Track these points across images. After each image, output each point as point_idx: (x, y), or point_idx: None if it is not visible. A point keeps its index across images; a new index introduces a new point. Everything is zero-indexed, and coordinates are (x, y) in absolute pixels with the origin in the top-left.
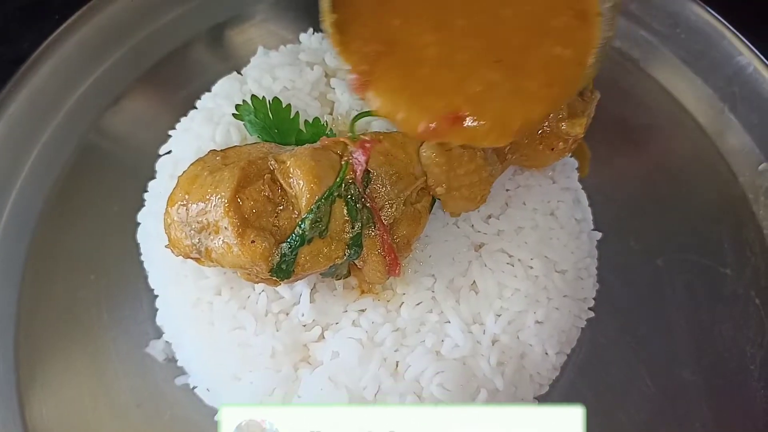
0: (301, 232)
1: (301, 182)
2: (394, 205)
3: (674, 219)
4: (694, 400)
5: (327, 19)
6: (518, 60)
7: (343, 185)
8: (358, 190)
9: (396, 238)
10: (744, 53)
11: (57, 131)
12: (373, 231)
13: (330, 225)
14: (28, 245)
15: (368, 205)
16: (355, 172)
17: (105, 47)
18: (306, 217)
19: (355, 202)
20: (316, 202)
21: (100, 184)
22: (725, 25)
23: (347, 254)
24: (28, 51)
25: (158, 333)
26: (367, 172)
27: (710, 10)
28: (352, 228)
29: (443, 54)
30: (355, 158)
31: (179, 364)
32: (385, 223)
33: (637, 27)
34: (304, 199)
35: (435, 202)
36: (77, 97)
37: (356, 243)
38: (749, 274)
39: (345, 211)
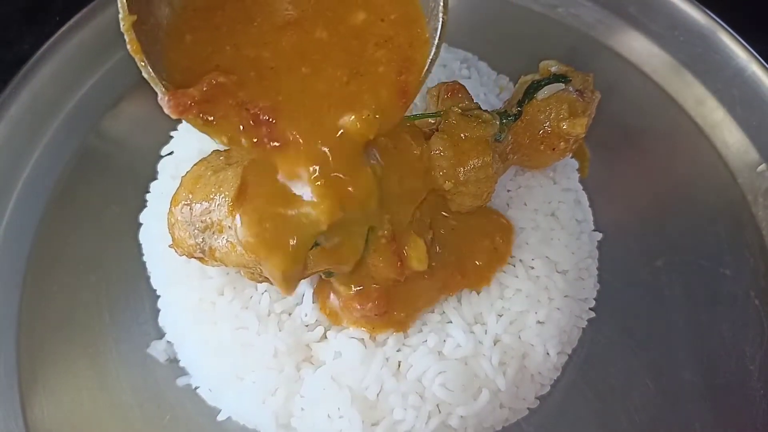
0: None
1: None
2: None
3: (673, 220)
4: (694, 400)
5: (125, 21)
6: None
7: None
8: None
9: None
10: (742, 56)
11: (58, 133)
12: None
13: None
14: (30, 247)
15: None
16: None
17: (106, 49)
18: None
19: None
20: None
21: (101, 185)
22: (724, 27)
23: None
24: (29, 52)
25: (160, 334)
26: None
27: (709, 13)
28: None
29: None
30: None
31: (181, 364)
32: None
33: (636, 29)
34: None
35: None
36: (78, 99)
37: (365, 245)
38: (748, 274)
39: None
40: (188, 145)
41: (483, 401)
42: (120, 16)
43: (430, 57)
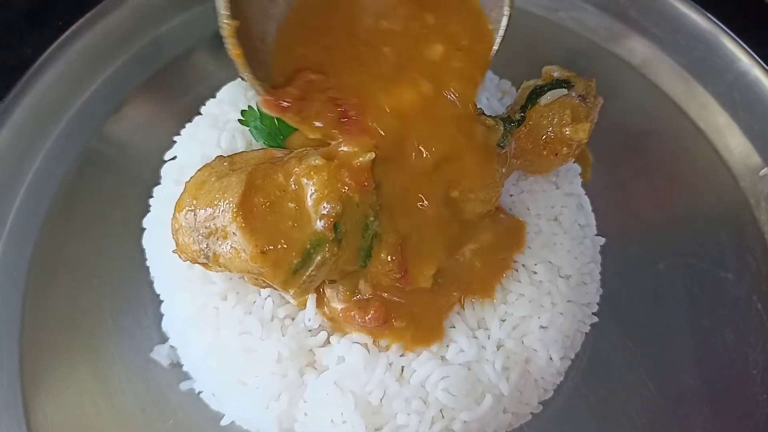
0: None
1: None
2: None
3: (676, 224)
4: (696, 404)
5: (228, 27)
6: None
7: None
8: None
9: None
10: (744, 59)
11: (60, 137)
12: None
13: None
14: (32, 251)
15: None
16: None
17: (109, 53)
18: None
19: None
20: None
21: (104, 190)
22: (725, 31)
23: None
24: (32, 57)
25: (163, 338)
26: None
27: (710, 17)
28: (363, 237)
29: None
30: None
31: (184, 369)
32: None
33: (638, 33)
34: None
35: None
36: (81, 104)
37: (368, 254)
38: (750, 278)
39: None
40: (191, 150)
41: (486, 406)
42: (222, 20)
43: (495, 48)
